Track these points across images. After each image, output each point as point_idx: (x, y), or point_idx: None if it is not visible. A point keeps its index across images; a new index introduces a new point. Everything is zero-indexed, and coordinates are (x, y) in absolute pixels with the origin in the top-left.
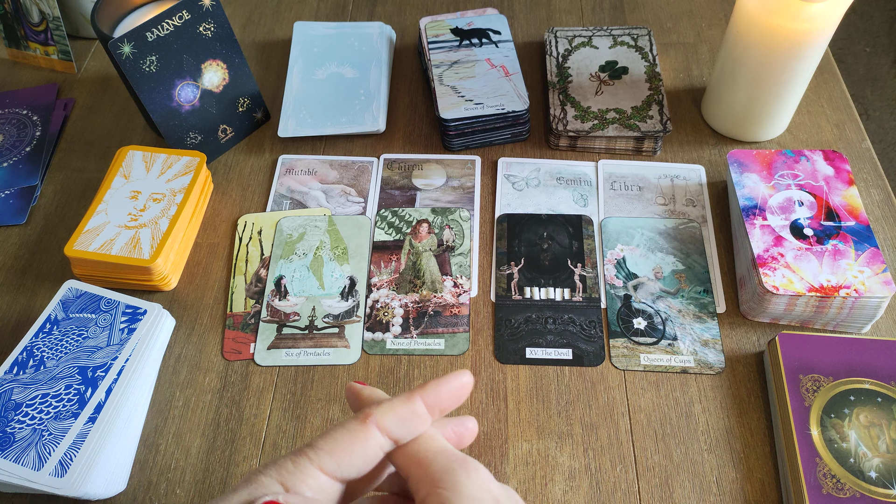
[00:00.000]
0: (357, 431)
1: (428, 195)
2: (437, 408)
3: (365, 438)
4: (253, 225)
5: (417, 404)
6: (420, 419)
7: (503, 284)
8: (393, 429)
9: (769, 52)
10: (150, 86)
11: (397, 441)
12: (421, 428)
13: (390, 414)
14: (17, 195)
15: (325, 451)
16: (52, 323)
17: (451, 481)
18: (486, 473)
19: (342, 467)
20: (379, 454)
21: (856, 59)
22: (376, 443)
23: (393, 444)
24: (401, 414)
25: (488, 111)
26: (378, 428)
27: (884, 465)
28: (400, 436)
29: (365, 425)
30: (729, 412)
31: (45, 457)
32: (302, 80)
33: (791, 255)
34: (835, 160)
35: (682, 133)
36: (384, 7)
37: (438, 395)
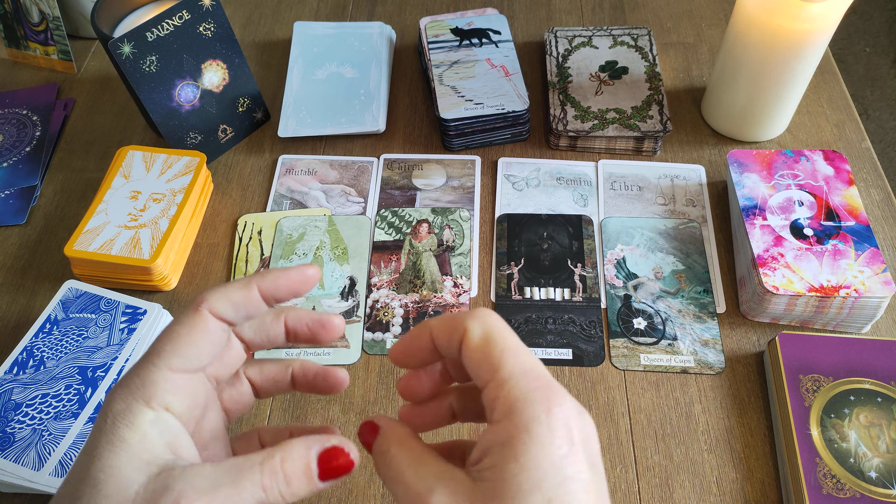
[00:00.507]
0: (195, 321)
1: (428, 195)
2: (272, 294)
3: (203, 325)
4: (253, 225)
5: (253, 290)
6: (253, 304)
7: (503, 284)
8: (226, 312)
9: (769, 52)
10: (150, 86)
11: (237, 321)
12: (255, 313)
13: (223, 299)
14: (17, 195)
15: (167, 352)
16: (52, 323)
17: (526, 416)
18: (569, 409)
19: (190, 359)
20: (222, 335)
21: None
22: (216, 325)
23: (233, 324)
24: (233, 298)
25: (488, 111)
26: (211, 313)
27: (884, 465)
28: (233, 318)
29: (199, 312)
30: (729, 412)
31: (45, 457)
32: (302, 80)
33: (791, 255)
34: (835, 160)
35: (682, 133)
36: (384, 7)
37: (276, 284)
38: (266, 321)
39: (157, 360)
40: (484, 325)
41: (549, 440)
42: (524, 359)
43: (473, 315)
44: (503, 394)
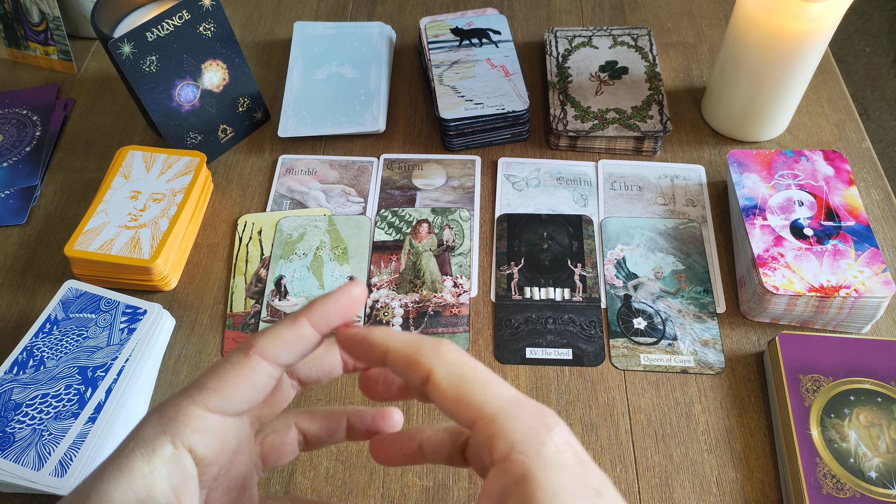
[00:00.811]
0: (242, 365)
1: (428, 195)
2: (325, 325)
3: (251, 371)
4: (253, 225)
5: (303, 327)
6: (307, 341)
7: (503, 284)
8: (280, 356)
9: (769, 52)
10: (150, 86)
11: (286, 365)
12: (310, 348)
13: (275, 342)
14: (17, 195)
15: (209, 390)
16: (52, 323)
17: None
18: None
19: (231, 403)
20: (269, 382)
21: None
22: (264, 372)
23: (283, 368)
24: (286, 340)
25: (488, 111)
26: (263, 358)
27: (884, 465)
28: (289, 361)
29: (248, 357)
30: (729, 412)
31: (45, 457)
32: (302, 80)
33: (791, 255)
34: (835, 160)
35: (682, 133)
36: (384, 7)
37: (325, 313)
38: (318, 354)
39: (197, 395)
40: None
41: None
42: (501, 388)
43: (436, 353)
44: (498, 429)
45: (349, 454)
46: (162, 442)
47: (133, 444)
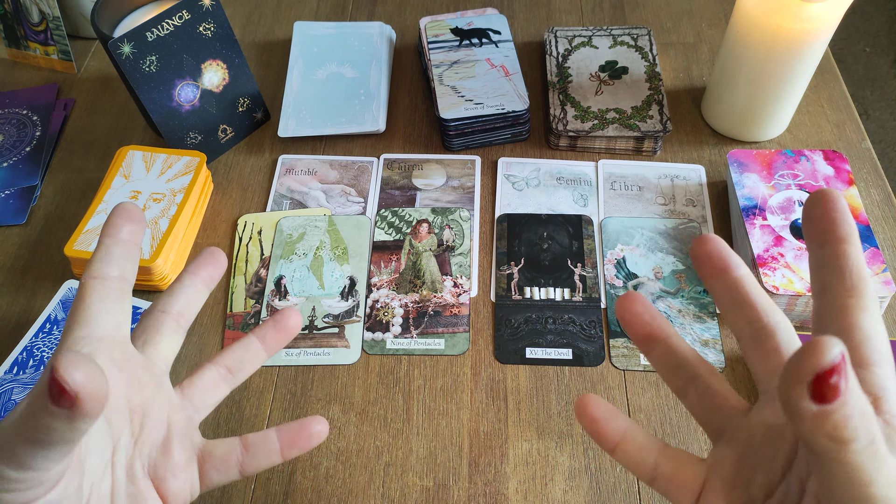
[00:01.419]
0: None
1: (428, 195)
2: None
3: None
4: (253, 225)
5: (104, 242)
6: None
7: (503, 284)
8: (103, 269)
9: (769, 52)
10: (150, 86)
11: (122, 274)
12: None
13: (91, 263)
14: (17, 195)
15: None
16: (52, 323)
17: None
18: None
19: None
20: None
21: (856, 59)
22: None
23: (122, 279)
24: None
25: (488, 111)
26: (91, 277)
27: None
28: (119, 269)
29: (80, 284)
30: None
31: None
32: (302, 80)
33: (791, 255)
34: (835, 160)
35: (682, 133)
36: (384, 7)
37: (116, 227)
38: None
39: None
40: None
41: None
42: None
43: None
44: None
45: (349, 454)
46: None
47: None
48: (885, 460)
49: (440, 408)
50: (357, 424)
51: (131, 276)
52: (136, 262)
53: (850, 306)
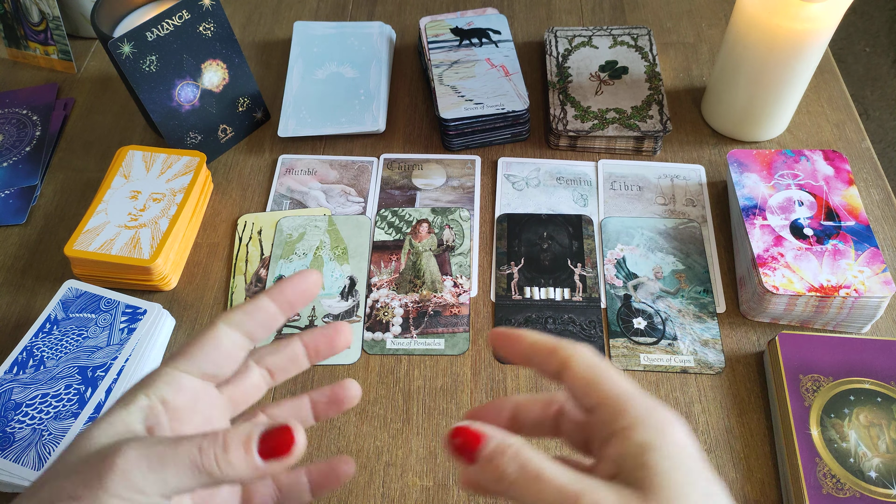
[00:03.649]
0: (206, 331)
1: (428, 195)
2: (286, 303)
3: (214, 334)
4: (253, 225)
5: (262, 300)
6: (265, 312)
7: (503, 284)
8: (242, 322)
9: (769, 52)
10: (150, 86)
11: (251, 335)
12: (272, 322)
13: (236, 310)
14: (17, 195)
15: (179, 354)
16: (52, 323)
17: (656, 422)
18: (687, 428)
19: (198, 363)
20: (232, 347)
21: (856, 59)
22: (227, 337)
23: (248, 339)
24: (246, 310)
25: (488, 111)
26: (226, 323)
27: (884, 465)
28: (251, 329)
29: (213, 324)
30: (729, 412)
31: (45, 457)
32: (302, 79)
33: (791, 255)
34: (835, 160)
35: (682, 133)
36: (384, 7)
37: (283, 292)
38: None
39: (168, 360)
40: (586, 356)
41: (685, 443)
42: (631, 383)
43: (574, 348)
44: (626, 406)
45: (349, 454)
46: (138, 395)
47: (114, 402)
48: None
49: (440, 408)
50: (357, 424)
51: (259, 339)
52: (271, 330)
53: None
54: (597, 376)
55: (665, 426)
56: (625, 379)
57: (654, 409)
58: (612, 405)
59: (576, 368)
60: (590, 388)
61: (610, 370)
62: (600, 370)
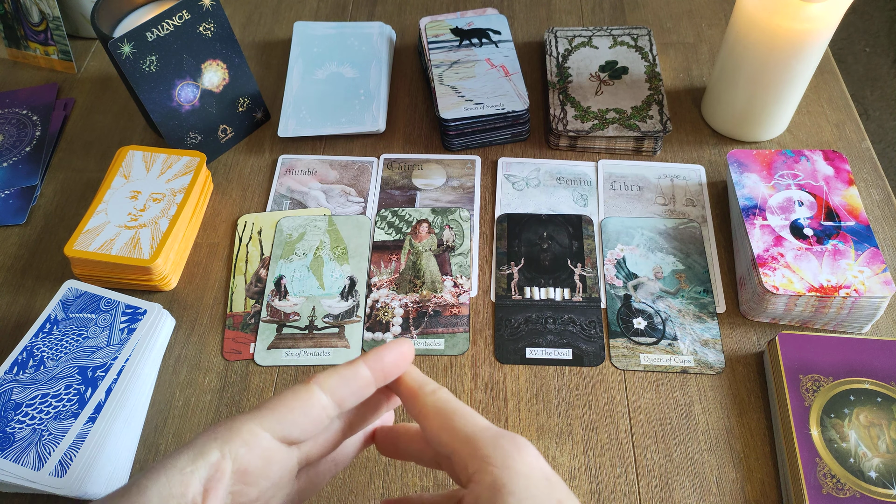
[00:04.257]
0: (300, 391)
1: (428, 195)
2: (380, 372)
3: (307, 397)
4: (253, 225)
5: (360, 367)
6: (362, 380)
7: (503, 284)
8: (336, 388)
9: (769, 52)
10: (150, 86)
11: (341, 403)
12: (364, 390)
13: (333, 375)
14: (17, 195)
15: (266, 409)
16: (52, 323)
17: (501, 458)
18: (533, 450)
19: (284, 425)
20: (322, 414)
21: (856, 59)
22: (318, 402)
23: (338, 407)
24: (343, 375)
25: (488, 111)
26: (321, 388)
27: (884, 465)
28: (343, 396)
29: (307, 384)
30: (729, 412)
31: (45, 457)
32: (302, 80)
33: (791, 255)
34: (835, 160)
35: (682, 133)
36: (384, 7)
37: (381, 361)
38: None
39: (255, 413)
40: (439, 399)
41: (530, 473)
42: (478, 419)
43: (430, 391)
44: (473, 448)
45: None
46: (210, 447)
47: (184, 448)
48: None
49: None
50: None
51: (345, 407)
52: (361, 399)
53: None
54: (447, 421)
55: (510, 460)
56: (472, 417)
57: (498, 442)
58: (464, 451)
59: (430, 418)
60: (443, 435)
61: (458, 413)
62: (450, 413)
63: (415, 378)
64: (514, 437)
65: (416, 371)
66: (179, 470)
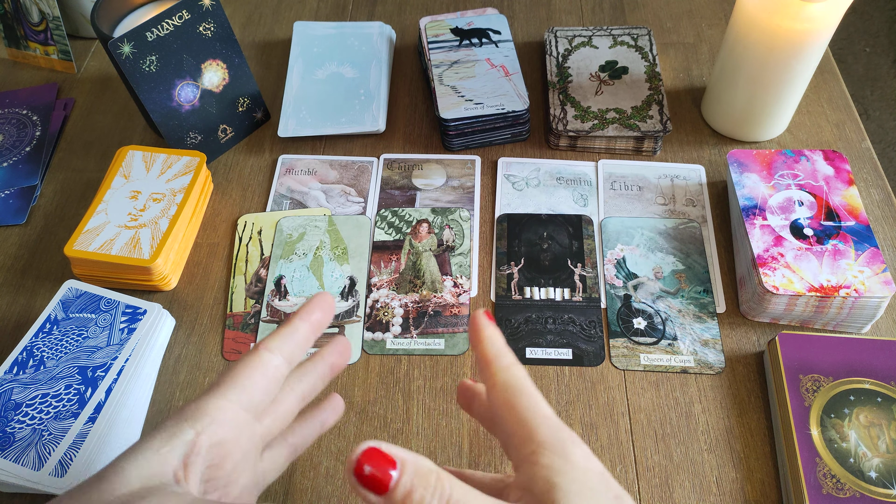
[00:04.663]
0: (251, 358)
1: (428, 195)
2: (316, 324)
3: (259, 362)
4: (253, 225)
5: (296, 322)
6: (301, 334)
7: (503, 284)
8: (282, 346)
9: (769, 52)
10: (150, 86)
11: (290, 358)
12: (306, 343)
13: (276, 336)
14: (17, 195)
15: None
16: (52, 323)
17: (560, 447)
18: (589, 450)
19: (246, 392)
20: (276, 374)
21: (856, 59)
22: (271, 362)
23: (288, 363)
24: (283, 334)
25: (488, 111)
26: (267, 350)
27: (884, 465)
28: (290, 350)
29: (256, 351)
30: (729, 412)
31: (45, 457)
32: (302, 79)
33: (791, 255)
34: (835, 160)
35: (682, 133)
36: (384, 7)
37: (312, 314)
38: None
39: (216, 389)
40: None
41: (588, 466)
42: (542, 406)
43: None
44: (536, 431)
45: (349, 454)
46: (182, 427)
47: (154, 432)
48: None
49: (440, 408)
50: (357, 424)
51: (295, 362)
52: (305, 351)
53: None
54: (512, 399)
55: (568, 450)
56: (537, 402)
57: (558, 433)
58: (522, 432)
59: (497, 390)
60: (504, 411)
61: (524, 393)
62: (516, 392)
63: (495, 347)
64: (573, 433)
65: (499, 340)
66: (155, 451)
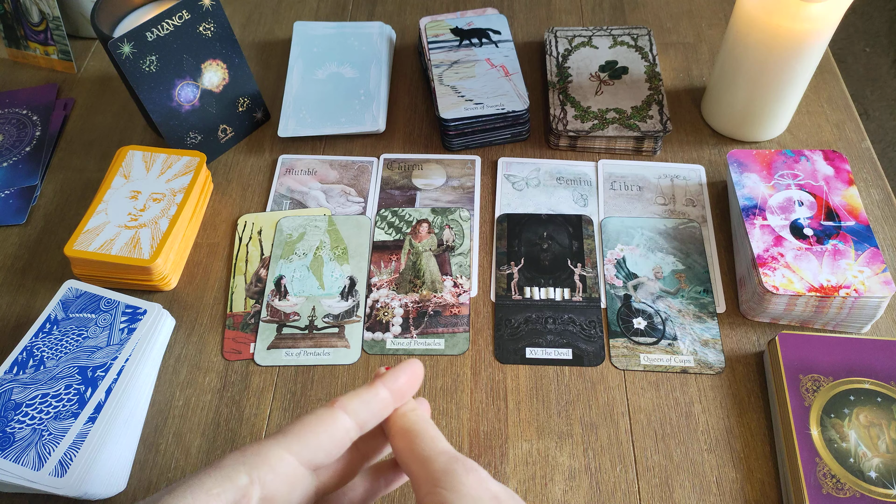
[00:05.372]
0: (324, 415)
1: (428, 195)
2: (397, 392)
3: (332, 421)
4: (253, 225)
5: (379, 388)
6: (381, 401)
7: (503, 284)
8: (358, 410)
9: (769, 52)
10: (150, 86)
11: (363, 425)
12: (383, 411)
13: (355, 398)
14: (16, 195)
15: (292, 435)
16: (52, 323)
17: (450, 481)
18: (484, 473)
19: (310, 449)
20: (345, 437)
21: (856, 59)
22: (342, 425)
23: (359, 429)
24: (364, 398)
25: (488, 111)
26: (344, 411)
27: (884, 465)
28: (365, 418)
29: (332, 408)
30: (729, 412)
31: (45, 457)
32: (302, 80)
33: (791, 255)
34: (835, 160)
35: (682, 133)
36: (384, 7)
37: (397, 382)
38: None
39: (281, 437)
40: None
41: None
42: (438, 443)
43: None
44: (429, 470)
45: None
46: (238, 471)
47: (210, 468)
48: None
49: (440, 408)
50: None
51: (367, 428)
52: (381, 418)
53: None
54: (411, 443)
55: (459, 481)
56: (433, 440)
57: (451, 465)
58: (421, 473)
59: (396, 437)
60: (405, 455)
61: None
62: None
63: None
64: (465, 461)
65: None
66: (206, 491)
